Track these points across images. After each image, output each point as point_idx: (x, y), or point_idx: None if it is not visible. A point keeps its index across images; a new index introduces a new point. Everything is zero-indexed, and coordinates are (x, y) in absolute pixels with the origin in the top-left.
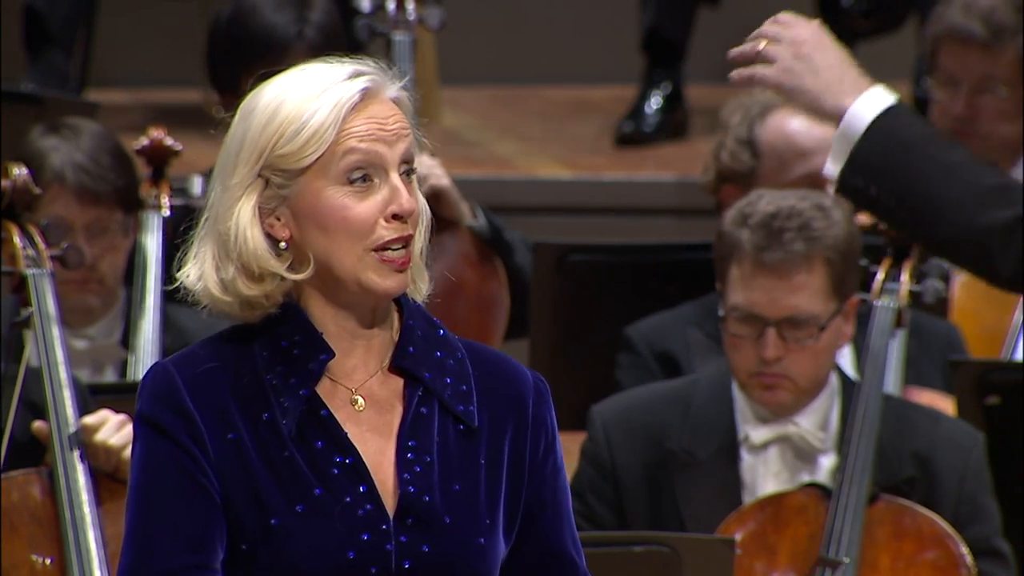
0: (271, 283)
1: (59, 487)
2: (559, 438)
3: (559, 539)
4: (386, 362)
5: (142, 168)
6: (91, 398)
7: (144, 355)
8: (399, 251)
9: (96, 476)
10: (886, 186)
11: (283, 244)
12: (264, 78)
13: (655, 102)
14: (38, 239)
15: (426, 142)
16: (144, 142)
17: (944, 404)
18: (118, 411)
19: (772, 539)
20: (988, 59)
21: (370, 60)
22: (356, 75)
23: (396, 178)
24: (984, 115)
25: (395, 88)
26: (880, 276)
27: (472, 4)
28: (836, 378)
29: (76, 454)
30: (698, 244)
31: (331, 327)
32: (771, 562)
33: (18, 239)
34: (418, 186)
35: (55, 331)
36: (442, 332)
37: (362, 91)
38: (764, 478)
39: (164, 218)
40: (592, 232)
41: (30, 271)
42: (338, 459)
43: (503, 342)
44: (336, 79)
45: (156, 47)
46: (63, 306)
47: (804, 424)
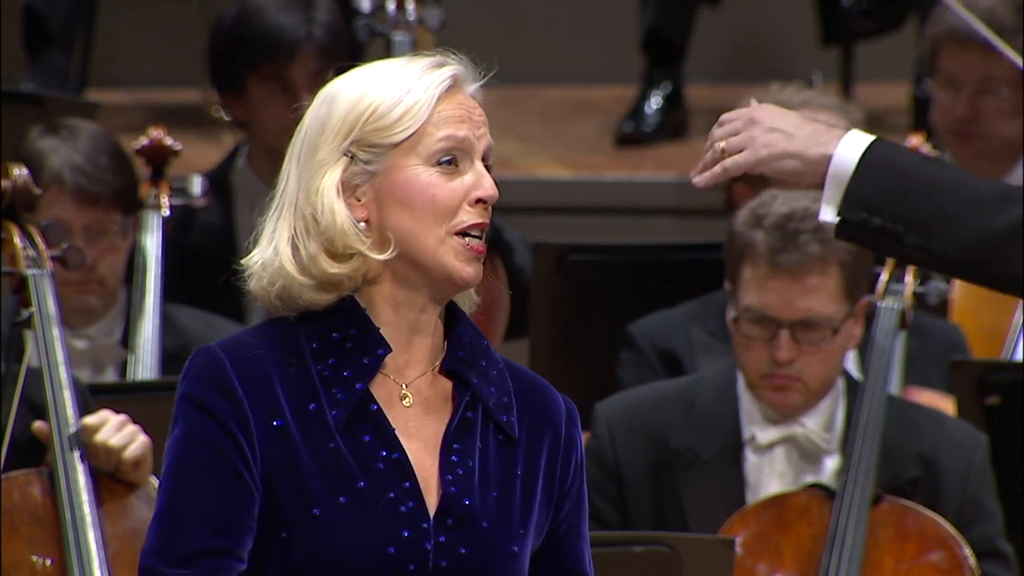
0: (355, 262)
1: (59, 487)
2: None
3: (582, 562)
4: (437, 363)
5: (142, 168)
6: (91, 398)
7: (144, 355)
8: (478, 238)
9: (96, 476)
10: (889, 214)
11: (362, 224)
12: (271, 79)
13: (655, 102)
14: (38, 240)
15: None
16: (144, 142)
17: (944, 404)
18: (118, 411)
19: (775, 540)
20: (989, 60)
21: (455, 54)
22: (442, 64)
23: (480, 165)
24: (987, 115)
25: (474, 86)
26: (884, 277)
27: (472, 4)
28: (841, 379)
29: (76, 454)
30: (698, 244)
31: (391, 319)
32: (774, 563)
33: (18, 239)
34: None
35: (55, 331)
36: (485, 343)
37: (452, 76)
38: (768, 478)
39: (164, 218)
40: (592, 232)
41: (30, 271)
42: (383, 453)
43: (503, 342)
44: (425, 66)
45: (156, 47)
46: (63, 307)
47: (810, 425)
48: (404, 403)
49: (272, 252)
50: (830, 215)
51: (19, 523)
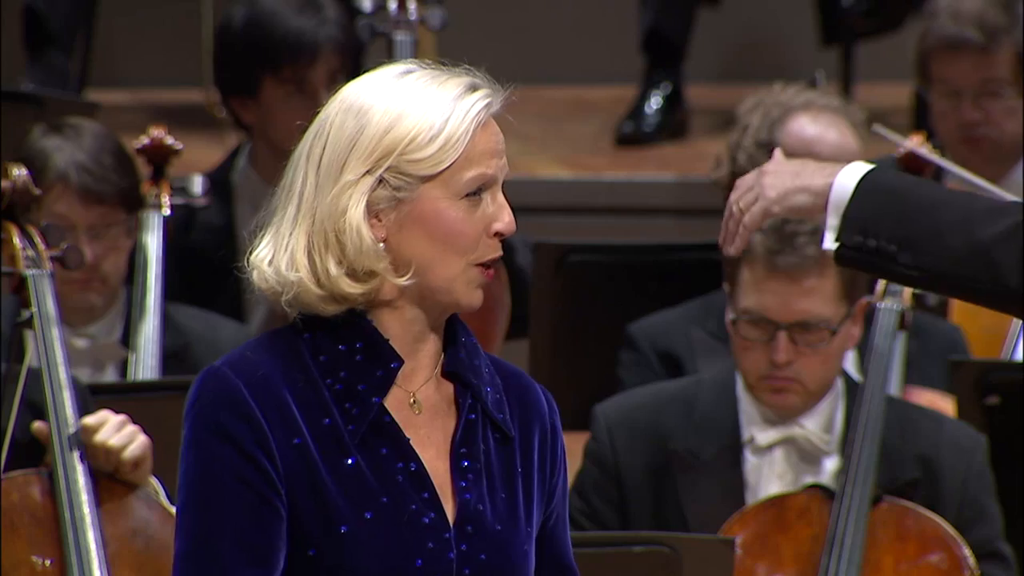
0: (373, 283)
1: (59, 488)
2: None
3: (567, 550)
4: (438, 367)
5: (142, 167)
6: (91, 398)
7: (144, 354)
8: (491, 268)
9: (96, 477)
10: (884, 233)
11: (380, 244)
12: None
13: (655, 102)
14: (38, 240)
15: None
16: (144, 141)
17: (944, 404)
18: (118, 411)
19: (775, 540)
20: (986, 62)
21: (476, 72)
22: (474, 88)
23: (502, 196)
24: (993, 118)
25: (500, 104)
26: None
27: (473, 4)
28: (840, 380)
29: (76, 455)
30: (698, 244)
31: (397, 332)
32: (774, 563)
33: (18, 240)
34: None
35: (55, 332)
36: (473, 340)
37: (487, 105)
38: (768, 479)
39: (164, 217)
40: (592, 232)
41: (30, 272)
42: (400, 465)
43: (503, 342)
44: (460, 89)
45: (156, 47)
46: (65, 305)
47: (809, 426)
48: (415, 411)
49: (288, 260)
50: (830, 242)
51: (19, 523)
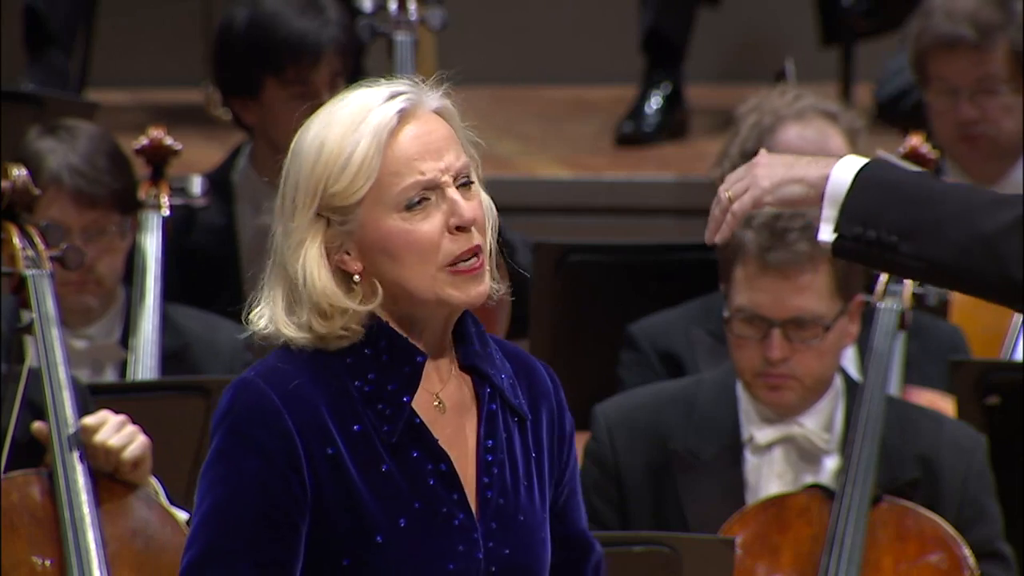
0: (341, 319)
1: (58, 488)
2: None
3: (582, 522)
4: (455, 364)
5: (142, 168)
6: (91, 398)
7: (144, 355)
8: (470, 261)
9: (96, 477)
10: (884, 224)
11: (356, 277)
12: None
13: (655, 102)
14: (37, 240)
15: (479, 142)
16: (144, 141)
17: (943, 404)
18: (118, 411)
19: (775, 540)
20: (982, 60)
21: (406, 78)
22: (392, 96)
23: (452, 191)
24: (990, 115)
25: (435, 100)
26: (884, 278)
27: (473, 4)
28: (840, 379)
29: (76, 455)
30: (698, 244)
31: (411, 334)
32: (774, 563)
33: (17, 240)
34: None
35: (54, 332)
36: (482, 328)
37: (399, 112)
38: (768, 479)
39: (164, 218)
40: (592, 232)
41: (29, 272)
42: (431, 467)
43: None
44: (372, 104)
45: (156, 47)
46: (62, 307)
47: (808, 425)
48: (439, 410)
49: (269, 314)
50: (828, 234)
51: (19, 523)
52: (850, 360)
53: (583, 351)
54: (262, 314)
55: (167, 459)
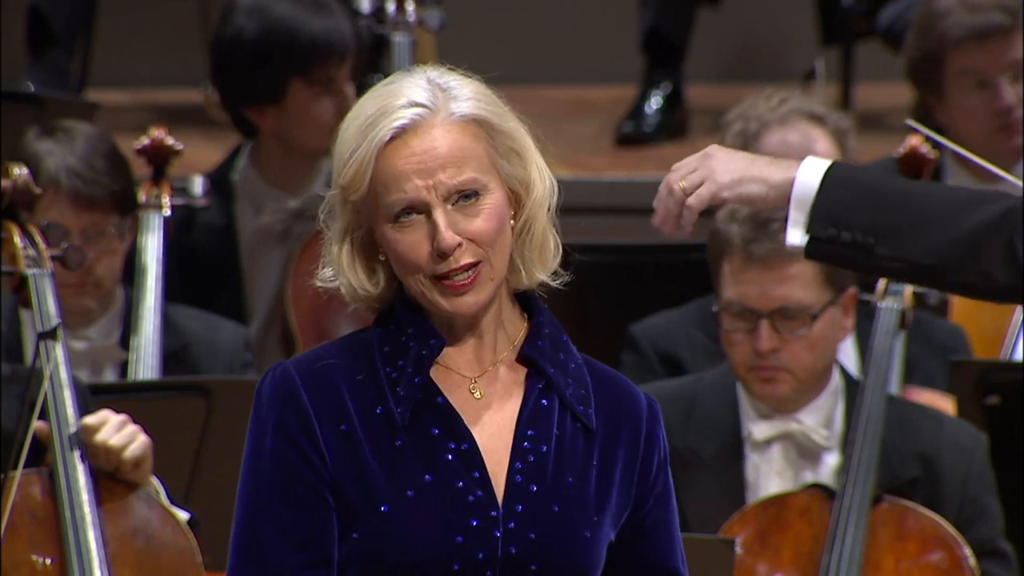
0: (375, 299)
1: (59, 487)
2: (669, 461)
3: (673, 557)
4: (506, 354)
5: (143, 168)
6: (91, 398)
7: (144, 355)
8: (460, 276)
9: (96, 476)
10: (859, 226)
11: (381, 256)
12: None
13: (655, 102)
14: (38, 239)
15: (541, 139)
16: (145, 142)
17: (944, 404)
18: (118, 411)
19: (775, 540)
20: (1012, 44)
21: (436, 81)
22: (408, 106)
23: (439, 213)
24: None
25: (463, 108)
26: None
27: (472, 5)
28: (840, 378)
29: (76, 454)
30: (698, 244)
31: (438, 323)
32: (774, 563)
33: (18, 239)
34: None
35: (60, 333)
36: (564, 337)
37: (395, 130)
38: (768, 477)
39: (165, 218)
40: (592, 232)
41: (30, 271)
42: (452, 445)
43: None
44: (387, 108)
45: (156, 47)
46: (61, 309)
47: (807, 421)
48: (475, 395)
49: (332, 272)
50: (798, 237)
51: (19, 523)
52: (851, 359)
53: (583, 351)
54: (327, 271)
55: (167, 459)
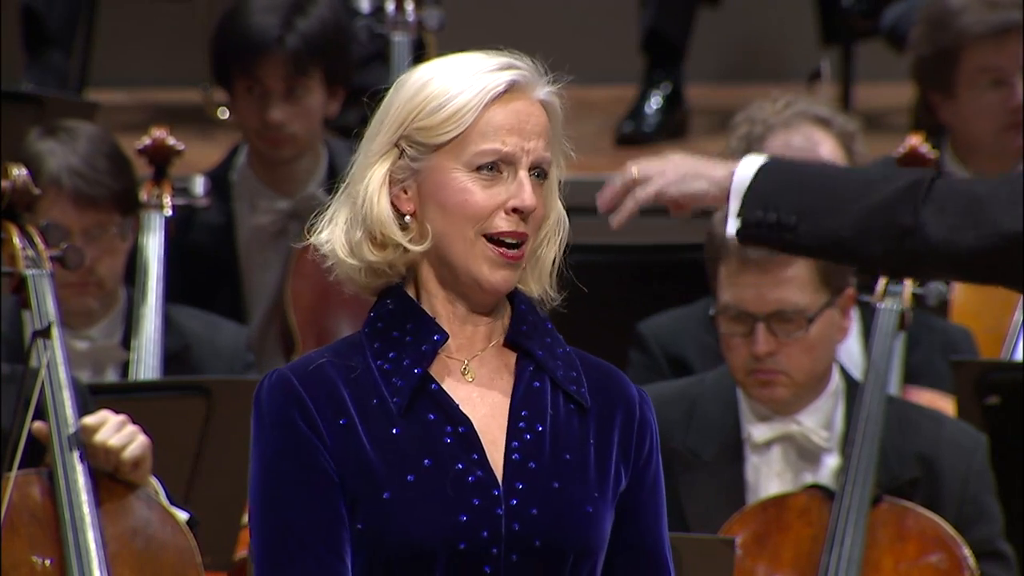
0: (393, 252)
1: (59, 487)
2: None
3: (661, 544)
4: (498, 339)
5: (144, 168)
6: (91, 398)
7: (145, 355)
8: (512, 248)
9: (96, 476)
10: (784, 206)
11: (407, 217)
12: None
13: (655, 102)
14: (38, 240)
15: (571, 154)
16: (146, 142)
17: (944, 404)
18: (118, 411)
19: (775, 540)
20: None
21: (526, 58)
22: (507, 67)
23: (524, 175)
24: None
25: (544, 90)
26: (884, 279)
27: (472, 5)
28: (840, 379)
29: (76, 454)
30: (698, 244)
31: (441, 310)
32: (774, 563)
33: (18, 240)
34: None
35: (54, 332)
36: (549, 325)
37: (508, 83)
38: (768, 478)
39: (166, 218)
40: (592, 232)
41: (30, 272)
42: (449, 429)
43: None
44: (487, 67)
45: (156, 47)
46: (63, 309)
47: (807, 423)
48: (467, 377)
49: (328, 233)
50: (733, 226)
51: (19, 523)
52: (853, 360)
53: (583, 351)
54: (323, 231)
55: (167, 459)
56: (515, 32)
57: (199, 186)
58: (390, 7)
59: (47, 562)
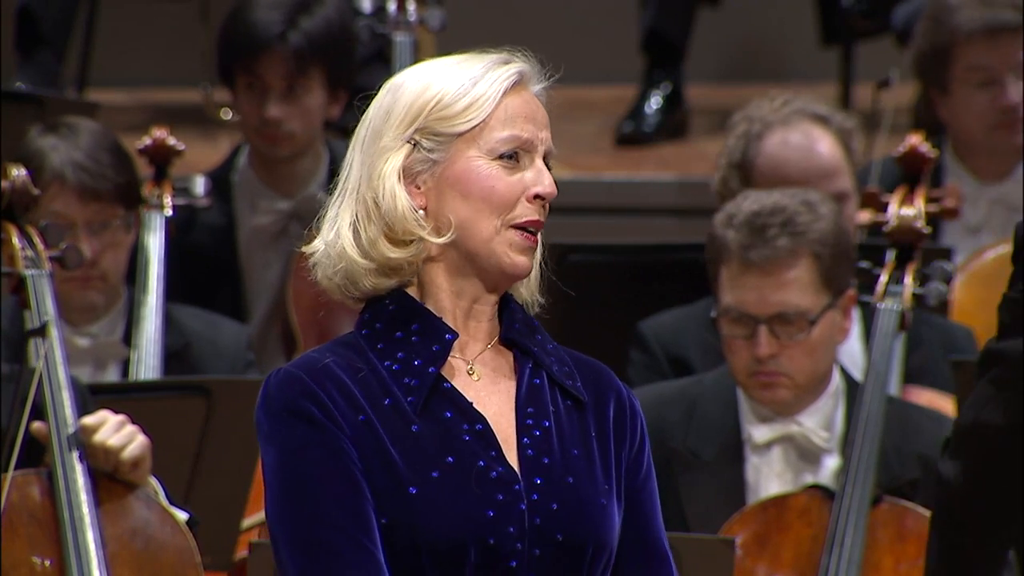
0: (414, 248)
1: (58, 487)
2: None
3: (659, 529)
4: (495, 338)
5: (145, 168)
6: (91, 398)
7: (146, 354)
8: (533, 233)
9: (95, 476)
10: None
11: (420, 211)
12: (246, 73)
13: (655, 102)
14: (37, 240)
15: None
16: (146, 142)
17: (943, 404)
18: (117, 411)
19: (775, 541)
20: (1021, 41)
21: (518, 53)
22: (509, 60)
23: (540, 161)
24: None
25: (539, 86)
26: (883, 279)
27: (472, 5)
28: (841, 379)
29: (75, 455)
30: (698, 244)
31: (449, 306)
32: (774, 563)
33: (17, 240)
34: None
35: (54, 332)
36: (536, 323)
37: (519, 72)
38: (768, 478)
39: (166, 217)
40: (592, 232)
41: (29, 272)
42: (465, 427)
43: None
44: (492, 60)
45: (156, 47)
46: (66, 305)
47: (807, 423)
48: (472, 377)
49: (334, 235)
50: None
51: (18, 523)
52: (854, 360)
53: (582, 351)
54: (327, 237)
55: (167, 459)
56: (515, 32)
57: (199, 186)
58: (392, 7)
59: (46, 562)
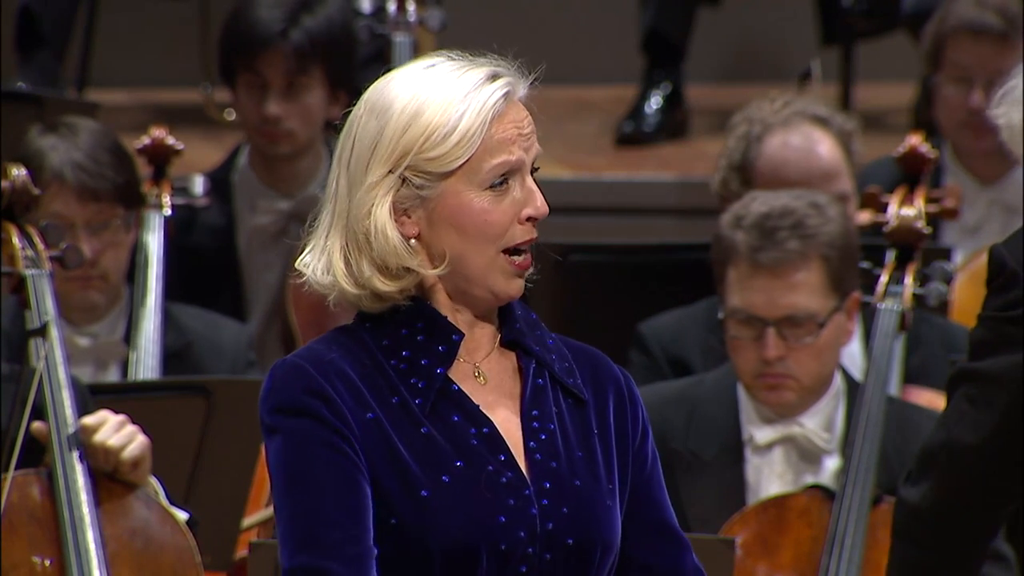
0: (407, 279)
1: (58, 487)
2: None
3: (669, 512)
4: (498, 341)
5: (144, 168)
6: (91, 398)
7: (146, 353)
8: (525, 255)
9: (95, 476)
10: None
11: (412, 241)
12: (247, 71)
13: (655, 102)
14: (37, 240)
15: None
16: (146, 141)
17: (943, 404)
18: (117, 411)
19: (775, 541)
20: (1003, 51)
21: (498, 58)
22: (494, 77)
23: (531, 180)
24: None
25: (524, 88)
26: (884, 279)
27: (472, 5)
28: (841, 380)
29: (75, 455)
30: (698, 244)
31: (448, 315)
32: (774, 564)
33: (17, 240)
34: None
35: (54, 332)
36: (534, 316)
37: (504, 94)
38: (768, 479)
39: (165, 217)
40: (592, 232)
41: (29, 272)
42: (473, 431)
43: None
44: (475, 81)
45: (156, 47)
46: (67, 304)
47: (808, 424)
48: (479, 381)
49: (326, 263)
50: None
51: (18, 523)
52: (854, 361)
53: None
54: (317, 263)
55: (167, 459)
56: (515, 32)
57: (198, 186)
58: (391, 7)
59: (46, 562)
